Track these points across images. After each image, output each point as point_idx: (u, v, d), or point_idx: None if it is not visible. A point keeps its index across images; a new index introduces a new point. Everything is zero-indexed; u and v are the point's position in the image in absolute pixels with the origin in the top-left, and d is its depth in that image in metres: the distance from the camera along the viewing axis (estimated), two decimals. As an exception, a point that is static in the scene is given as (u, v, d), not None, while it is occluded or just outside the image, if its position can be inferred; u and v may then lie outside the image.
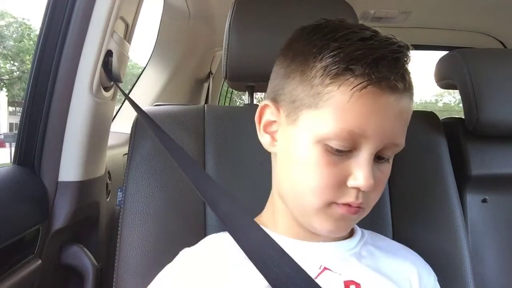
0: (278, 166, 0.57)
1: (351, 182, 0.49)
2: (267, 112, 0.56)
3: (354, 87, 0.46)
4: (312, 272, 0.51)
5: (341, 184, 0.49)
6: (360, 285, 0.53)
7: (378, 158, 0.51)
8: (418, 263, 0.61)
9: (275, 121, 0.56)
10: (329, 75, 0.48)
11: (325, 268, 0.54)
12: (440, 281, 0.62)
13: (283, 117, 0.54)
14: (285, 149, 0.54)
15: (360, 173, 0.48)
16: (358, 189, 0.49)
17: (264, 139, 0.57)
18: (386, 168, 0.53)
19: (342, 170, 0.49)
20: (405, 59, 0.49)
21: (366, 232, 0.61)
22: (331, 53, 0.48)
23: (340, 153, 0.49)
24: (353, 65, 0.47)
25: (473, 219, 0.97)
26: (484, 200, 0.99)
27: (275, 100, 0.55)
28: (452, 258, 0.74)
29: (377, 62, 0.47)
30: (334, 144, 0.48)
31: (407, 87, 0.49)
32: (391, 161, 0.53)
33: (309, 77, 0.49)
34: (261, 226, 0.54)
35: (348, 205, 0.50)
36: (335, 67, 0.47)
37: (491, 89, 0.92)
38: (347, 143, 0.48)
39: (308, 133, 0.50)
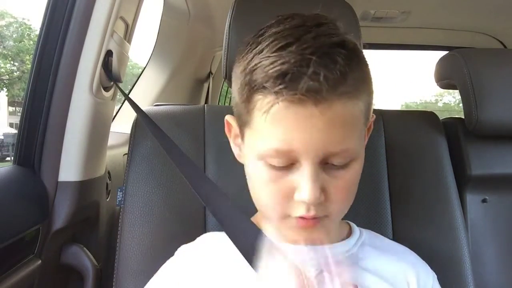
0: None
1: (296, 196, 0.47)
2: (234, 125, 0.56)
3: (267, 107, 0.45)
4: (308, 274, 0.51)
5: (289, 198, 0.48)
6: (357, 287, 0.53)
7: (332, 165, 0.48)
8: (417, 264, 0.60)
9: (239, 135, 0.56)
10: (251, 93, 0.47)
11: (322, 271, 0.54)
12: (440, 281, 0.62)
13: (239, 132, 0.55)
14: (245, 164, 0.55)
15: (303, 186, 0.46)
16: (306, 202, 0.47)
17: (234, 150, 0.58)
18: (344, 174, 0.49)
19: (287, 184, 0.48)
20: (328, 61, 0.44)
21: (364, 231, 0.61)
22: (253, 68, 0.47)
23: (282, 168, 0.48)
24: (266, 83, 0.45)
25: (473, 219, 0.97)
26: (484, 200, 0.99)
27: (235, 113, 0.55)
28: (452, 258, 0.74)
29: (285, 73, 0.44)
30: (271, 161, 0.47)
31: (336, 92, 0.44)
32: (355, 165, 0.50)
33: (243, 94, 0.49)
34: (257, 226, 0.54)
35: (303, 217, 0.49)
36: (254, 86, 0.46)
37: (491, 89, 0.92)
38: (282, 158, 0.47)
39: (250, 150, 0.50)
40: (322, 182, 0.47)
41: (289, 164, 0.47)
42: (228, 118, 0.57)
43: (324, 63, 0.44)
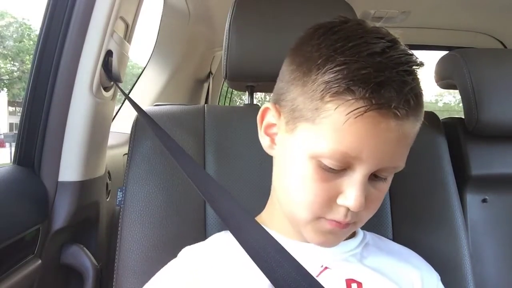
0: (275, 170, 0.57)
1: (340, 200, 0.48)
2: (269, 114, 0.56)
3: (352, 111, 0.44)
4: (313, 271, 0.51)
5: (331, 200, 0.49)
6: (362, 284, 0.53)
7: (374, 176, 0.50)
8: (421, 266, 0.60)
9: (275, 124, 0.55)
10: (329, 92, 0.46)
11: (326, 268, 0.54)
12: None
13: (283, 123, 0.53)
14: (282, 156, 0.54)
15: (351, 193, 0.47)
16: (347, 208, 0.48)
17: (264, 140, 0.57)
18: (383, 186, 0.51)
19: (334, 187, 0.48)
20: (414, 82, 0.46)
21: (368, 234, 0.62)
22: (335, 68, 0.46)
23: (333, 171, 0.48)
24: (354, 86, 0.44)
25: (473, 219, 0.97)
26: (484, 200, 0.99)
27: (278, 103, 0.55)
28: (452, 258, 0.74)
29: (380, 86, 0.44)
30: (327, 162, 0.47)
31: (412, 111, 0.46)
32: (390, 179, 0.52)
33: (310, 90, 0.47)
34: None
35: (337, 221, 0.49)
36: (336, 85, 0.45)
37: (491, 89, 0.92)
38: (340, 163, 0.47)
39: (304, 146, 0.49)
40: (367, 191, 0.48)
41: (343, 168, 0.48)
42: (271, 105, 0.55)
43: (412, 82, 0.46)
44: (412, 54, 0.48)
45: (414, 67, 0.47)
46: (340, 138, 0.46)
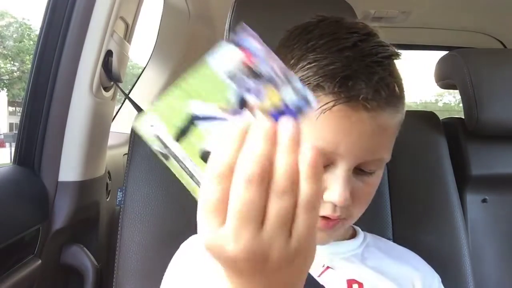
0: None
1: (326, 196, 0.47)
2: None
3: (321, 106, 0.45)
4: (314, 270, 0.51)
5: None
6: (363, 285, 0.53)
7: (360, 170, 0.49)
8: (422, 267, 0.60)
9: None
10: None
11: (328, 267, 0.54)
12: (440, 281, 0.62)
13: None
14: None
15: (335, 189, 0.47)
16: (334, 203, 0.48)
17: None
18: (371, 180, 0.51)
19: None
20: (385, 72, 0.46)
21: (369, 235, 0.62)
22: (306, 66, 0.47)
23: None
24: (324, 82, 0.45)
25: (473, 219, 0.97)
26: (484, 200, 0.99)
27: None
28: (452, 258, 0.74)
29: (348, 79, 0.44)
30: None
31: (385, 101, 0.46)
32: (380, 172, 0.52)
33: None
34: None
35: (326, 217, 0.49)
36: (307, 83, 0.46)
37: (491, 89, 0.92)
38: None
39: None
40: (352, 186, 0.48)
41: (325, 165, 0.47)
42: None
43: (383, 74, 0.46)
44: (387, 45, 0.48)
45: (385, 58, 0.47)
46: (316, 135, 0.46)
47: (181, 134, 0.29)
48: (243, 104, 0.29)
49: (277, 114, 0.29)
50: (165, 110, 0.29)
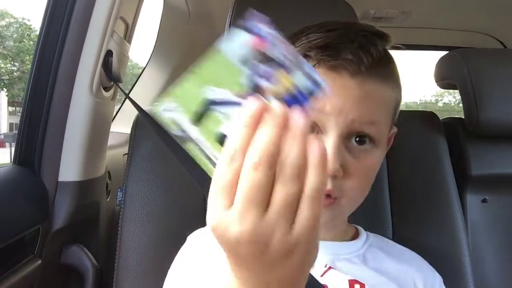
0: None
1: None
2: None
3: None
4: (317, 271, 0.51)
5: None
6: (365, 286, 0.53)
7: (359, 142, 0.50)
8: (423, 268, 0.61)
9: None
10: None
11: (330, 267, 0.54)
12: (440, 281, 0.62)
13: None
14: None
15: None
16: None
17: None
18: (367, 158, 0.51)
19: None
20: (370, 44, 0.49)
21: (371, 235, 0.62)
22: (297, 43, 0.51)
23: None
24: (310, 51, 0.49)
25: (473, 219, 0.97)
26: (484, 200, 0.99)
27: None
28: (452, 258, 0.74)
29: (333, 47, 0.48)
30: None
31: (371, 68, 0.48)
32: (375, 151, 0.51)
33: None
34: None
35: None
36: None
37: (491, 89, 0.92)
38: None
39: None
40: (343, 158, 0.48)
41: (316, 132, 0.48)
42: None
43: (367, 43, 0.48)
44: (380, 31, 0.51)
45: (373, 33, 0.50)
46: None
47: (198, 118, 0.30)
48: (256, 88, 0.30)
49: (289, 98, 0.30)
50: (181, 96, 0.31)
